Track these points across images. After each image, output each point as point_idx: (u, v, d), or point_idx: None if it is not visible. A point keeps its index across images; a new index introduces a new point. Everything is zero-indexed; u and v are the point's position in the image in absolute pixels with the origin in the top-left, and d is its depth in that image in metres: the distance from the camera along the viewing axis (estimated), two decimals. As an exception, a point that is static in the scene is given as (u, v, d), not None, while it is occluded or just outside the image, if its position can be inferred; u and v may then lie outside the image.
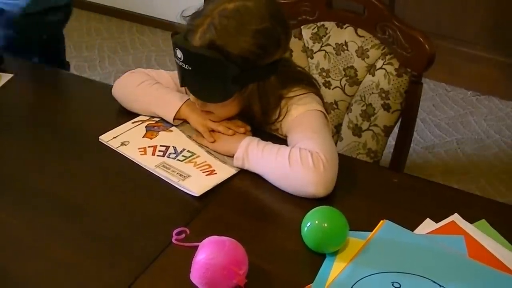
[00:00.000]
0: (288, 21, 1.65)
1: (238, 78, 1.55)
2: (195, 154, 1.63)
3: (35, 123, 1.79)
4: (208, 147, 1.65)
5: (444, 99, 3.78)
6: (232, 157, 1.58)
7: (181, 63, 1.55)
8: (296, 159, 1.47)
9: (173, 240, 1.34)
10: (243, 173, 1.56)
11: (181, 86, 1.64)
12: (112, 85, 1.84)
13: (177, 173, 1.55)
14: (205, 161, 1.60)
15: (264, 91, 1.61)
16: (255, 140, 1.57)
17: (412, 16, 3.69)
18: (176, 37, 1.57)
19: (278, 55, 1.61)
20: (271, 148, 1.54)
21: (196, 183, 1.51)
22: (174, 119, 1.71)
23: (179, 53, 1.54)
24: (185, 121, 1.73)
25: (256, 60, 1.55)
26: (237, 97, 1.60)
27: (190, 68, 1.54)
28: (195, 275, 1.20)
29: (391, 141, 2.02)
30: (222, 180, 1.53)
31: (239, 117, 1.69)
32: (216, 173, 1.55)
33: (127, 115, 1.77)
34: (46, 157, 1.65)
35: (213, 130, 1.67)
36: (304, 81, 1.71)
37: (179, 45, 1.53)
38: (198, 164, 1.58)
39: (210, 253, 1.20)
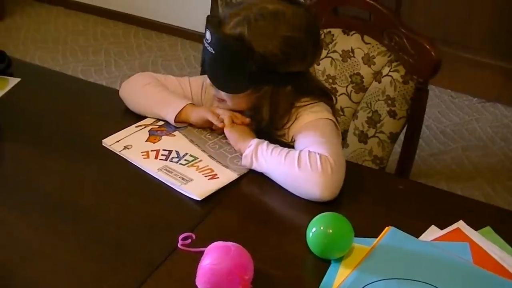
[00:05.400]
0: (321, 41, 1.68)
1: (254, 76, 1.57)
2: (197, 158, 1.63)
3: (42, 126, 1.79)
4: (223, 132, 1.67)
5: (449, 106, 3.78)
6: (235, 157, 1.61)
7: (206, 44, 1.58)
8: (305, 161, 1.48)
9: (179, 245, 1.34)
10: (249, 178, 1.57)
11: (201, 67, 1.66)
12: (118, 89, 1.86)
13: (180, 177, 1.55)
14: (208, 165, 1.60)
15: (276, 97, 1.63)
16: (265, 141, 1.58)
17: (418, 22, 3.69)
18: (211, 19, 1.60)
19: (301, 67, 1.64)
20: (280, 149, 1.55)
21: (198, 187, 1.52)
22: (175, 121, 1.72)
23: (208, 35, 1.57)
24: (189, 125, 1.75)
25: (277, 65, 1.58)
26: (250, 95, 1.63)
27: (213, 52, 1.56)
28: (201, 280, 1.21)
29: (397, 147, 2.02)
30: (224, 185, 1.54)
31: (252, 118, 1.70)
32: (218, 177, 1.56)
33: (132, 119, 1.78)
34: (52, 161, 1.65)
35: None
36: (316, 92, 1.72)
37: (210, 28, 1.56)
38: (200, 168, 1.59)
39: (216, 259, 1.20)
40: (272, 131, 1.70)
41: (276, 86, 1.62)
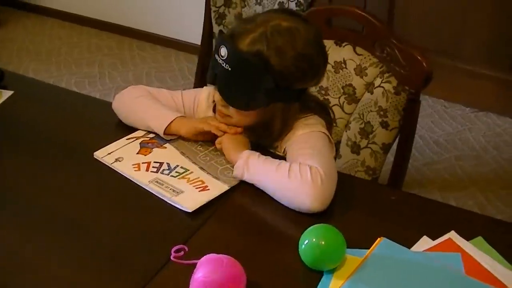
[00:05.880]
0: (327, 56, 1.69)
1: (270, 93, 1.57)
2: (188, 170, 1.64)
3: (35, 139, 1.80)
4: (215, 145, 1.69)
5: (442, 116, 3.79)
6: (226, 169, 1.62)
7: (221, 61, 1.56)
8: (295, 172, 1.48)
9: (172, 258, 1.35)
10: (242, 190, 1.57)
11: (211, 84, 1.65)
12: (111, 102, 1.86)
13: (170, 189, 1.56)
14: (198, 177, 1.61)
15: (287, 114, 1.65)
16: (256, 153, 1.59)
17: (411, 32, 3.71)
18: (224, 35, 1.59)
19: (312, 84, 1.67)
20: (271, 161, 1.56)
21: (189, 199, 1.52)
22: (164, 133, 1.72)
23: (223, 51, 1.55)
24: (178, 138, 1.75)
25: (292, 81, 1.59)
26: (259, 111, 1.63)
27: (229, 68, 1.55)
28: (194, 292, 1.21)
29: (390, 157, 2.03)
30: (215, 196, 1.54)
31: (255, 134, 1.71)
32: (209, 189, 1.56)
33: (124, 131, 1.79)
34: (45, 173, 1.66)
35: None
36: (314, 106, 1.74)
37: (227, 44, 1.55)
38: (191, 180, 1.60)
39: (208, 271, 1.20)
40: (270, 144, 1.71)
41: (287, 103, 1.64)
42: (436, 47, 3.73)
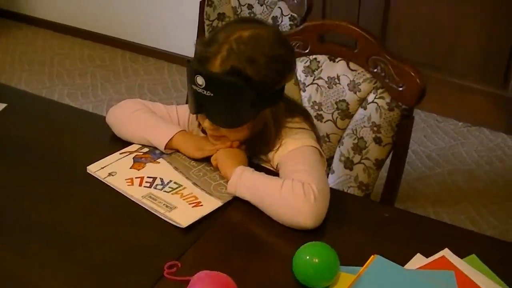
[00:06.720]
0: (293, 49, 1.69)
1: (256, 102, 1.59)
2: (181, 185, 1.63)
3: (28, 153, 1.79)
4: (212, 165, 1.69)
5: (435, 130, 3.80)
6: (219, 185, 1.62)
7: (201, 90, 1.56)
8: (288, 189, 1.48)
9: (165, 274, 1.34)
10: (235, 206, 1.57)
11: (196, 113, 1.66)
12: (105, 115, 1.86)
13: (164, 204, 1.55)
14: (192, 193, 1.60)
15: (276, 115, 1.65)
16: (250, 169, 1.59)
17: (404, 47, 3.72)
18: (194, 63, 1.59)
19: (289, 79, 1.67)
20: (264, 177, 1.56)
21: (182, 215, 1.52)
22: (165, 148, 1.72)
23: (199, 80, 1.55)
24: (176, 151, 1.75)
25: (272, 85, 1.60)
26: (252, 122, 1.64)
27: (211, 94, 1.55)
28: (187, 310, 1.21)
29: (383, 171, 2.03)
30: (208, 212, 1.54)
31: (253, 145, 1.71)
32: (202, 205, 1.56)
33: (117, 145, 1.79)
34: (37, 188, 1.65)
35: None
36: (301, 112, 1.76)
37: (201, 72, 1.55)
38: (184, 196, 1.59)
39: (202, 288, 1.20)
40: (259, 157, 1.70)
41: (273, 105, 1.64)
42: (429, 61, 3.74)
